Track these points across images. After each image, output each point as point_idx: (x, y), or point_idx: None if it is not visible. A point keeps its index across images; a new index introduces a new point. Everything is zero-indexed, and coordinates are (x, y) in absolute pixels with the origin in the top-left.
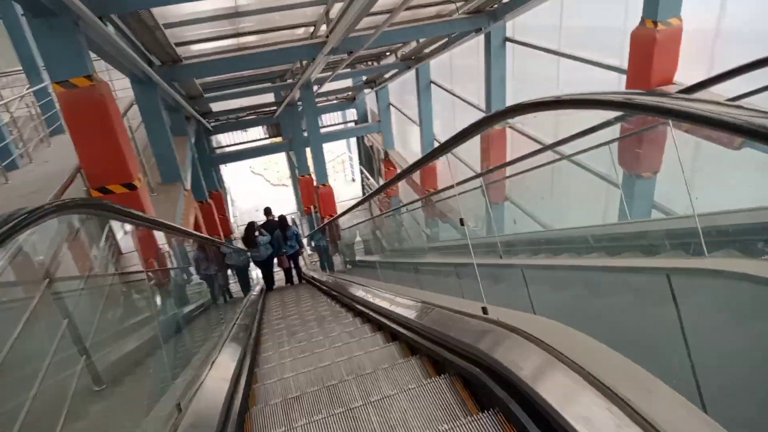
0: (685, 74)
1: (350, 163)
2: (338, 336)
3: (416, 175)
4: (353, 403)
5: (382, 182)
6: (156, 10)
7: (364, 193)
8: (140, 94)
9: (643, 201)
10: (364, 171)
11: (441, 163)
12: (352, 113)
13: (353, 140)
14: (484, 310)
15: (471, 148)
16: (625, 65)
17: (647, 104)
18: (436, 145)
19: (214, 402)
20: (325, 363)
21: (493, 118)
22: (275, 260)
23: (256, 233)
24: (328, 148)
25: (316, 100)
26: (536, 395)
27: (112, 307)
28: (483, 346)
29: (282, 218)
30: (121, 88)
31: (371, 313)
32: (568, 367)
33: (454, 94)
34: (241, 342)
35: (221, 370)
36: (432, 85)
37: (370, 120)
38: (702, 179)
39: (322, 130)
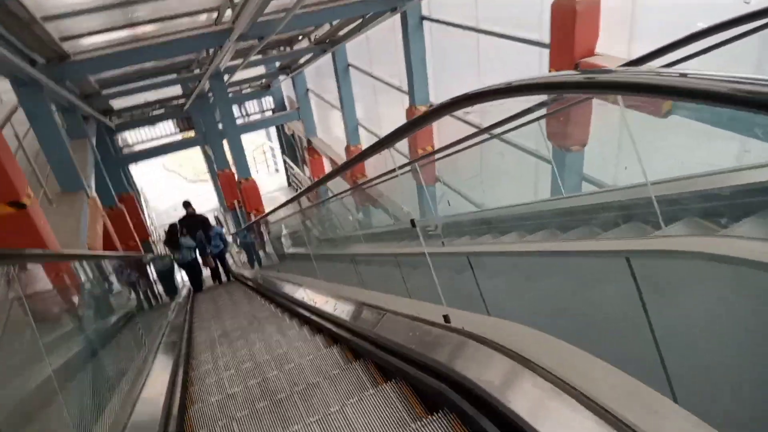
0: (606, 45)
1: (272, 153)
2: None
3: (343, 162)
4: None
5: (307, 171)
6: (28, 2)
7: (289, 183)
8: (24, 97)
9: (574, 174)
10: (288, 161)
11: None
12: (268, 101)
13: (273, 129)
14: (446, 318)
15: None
16: (544, 39)
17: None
18: (361, 129)
19: None
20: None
21: (446, 107)
22: (200, 261)
23: (179, 235)
24: (246, 138)
25: (229, 90)
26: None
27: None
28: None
29: (203, 218)
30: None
31: (316, 318)
32: (566, 392)
33: (374, 77)
34: (166, 369)
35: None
36: (350, 68)
37: (288, 107)
38: (631, 149)
39: (239, 121)
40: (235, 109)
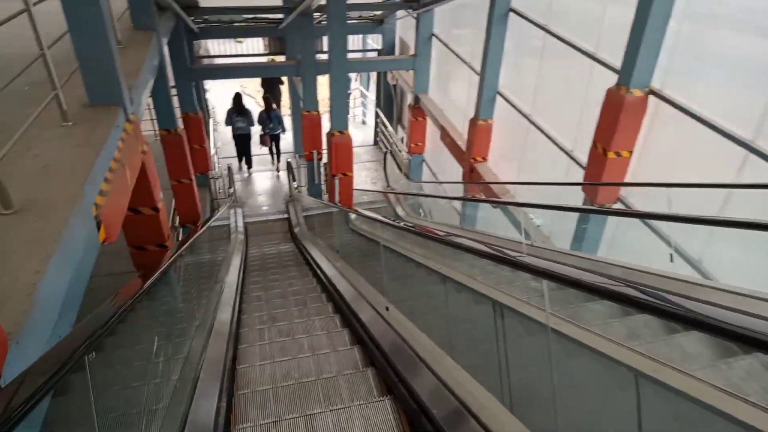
0: None
1: (363, 102)
2: None
3: (458, 136)
4: None
5: (401, 132)
6: None
7: (376, 141)
8: None
9: None
10: (381, 115)
11: (504, 125)
12: (375, 40)
13: (367, 74)
14: None
15: (567, 108)
16: None
17: None
18: (498, 101)
19: None
20: None
21: None
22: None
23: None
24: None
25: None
26: None
27: None
28: None
29: (267, 99)
30: None
31: None
32: None
33: (553, 34)
34: None
35: None
36: (512, 13)
37: (397, 52)
38: None
39: None
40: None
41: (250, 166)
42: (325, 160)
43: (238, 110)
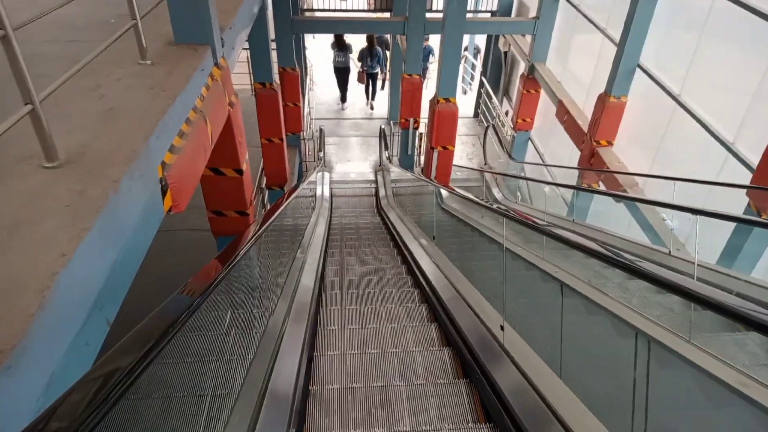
0: None
1: (468, 69)
2: None
3: (579, 114)
4: None
5: (506, 105)
6: None
7: (476, 114)
8: None
9: None
10: (486, 84)
11: (639, 104)
12: (488, 1)
13: (472, 39)
14: None
15: (733, 91)
16: None
17: None
18: (638, 76)
19: None
20: None
21: None
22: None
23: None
24: (436, 40)
25: None
26: None
27: None
28: None
29: (371, 37)
30: None
31: None
32: None
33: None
34: None
35: None
36: None
37: (514, 13)
38: None
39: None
40: None
41: (344, 100)
42: (421, 129)
43: (338, 45)
